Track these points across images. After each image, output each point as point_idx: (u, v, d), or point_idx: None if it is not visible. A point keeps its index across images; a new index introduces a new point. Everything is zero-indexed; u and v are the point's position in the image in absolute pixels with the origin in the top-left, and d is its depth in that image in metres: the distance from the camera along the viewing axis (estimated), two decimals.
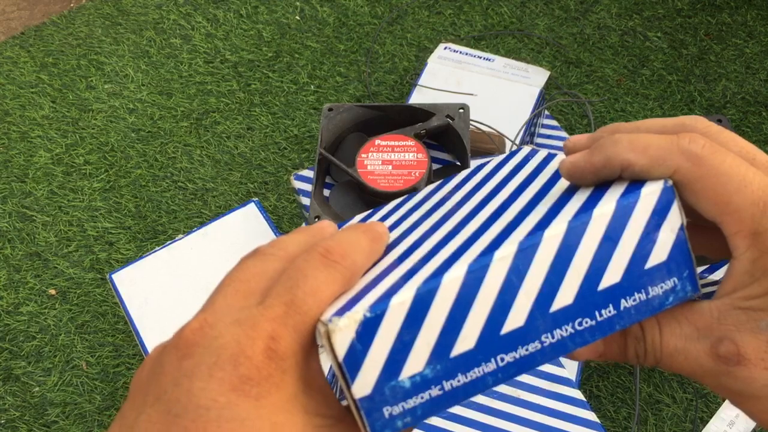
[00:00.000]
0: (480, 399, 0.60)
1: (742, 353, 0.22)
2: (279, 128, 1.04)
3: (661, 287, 0.25)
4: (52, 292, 0.90)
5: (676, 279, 0.25)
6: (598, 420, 0.59)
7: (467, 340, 0.24)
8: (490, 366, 0.24)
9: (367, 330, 0.23)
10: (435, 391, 0.24)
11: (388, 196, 0.65)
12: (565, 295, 0.24)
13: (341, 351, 0.23)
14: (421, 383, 0.24)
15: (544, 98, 0.90)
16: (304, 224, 0.84)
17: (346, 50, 1.12)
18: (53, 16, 1.21)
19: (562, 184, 0.27)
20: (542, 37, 1.11)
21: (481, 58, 0.94)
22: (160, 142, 1.03)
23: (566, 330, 0.24)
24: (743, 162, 0.23)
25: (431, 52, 0.97)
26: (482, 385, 0.24)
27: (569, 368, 0.69)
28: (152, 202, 0.97)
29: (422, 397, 0.24)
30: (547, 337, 0.24)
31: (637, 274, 0.25)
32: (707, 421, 0.75)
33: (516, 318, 0.24)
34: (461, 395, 0.24)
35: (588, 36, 1.11)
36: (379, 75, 1.09)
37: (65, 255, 0.93)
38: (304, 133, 1.03)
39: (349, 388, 0.23)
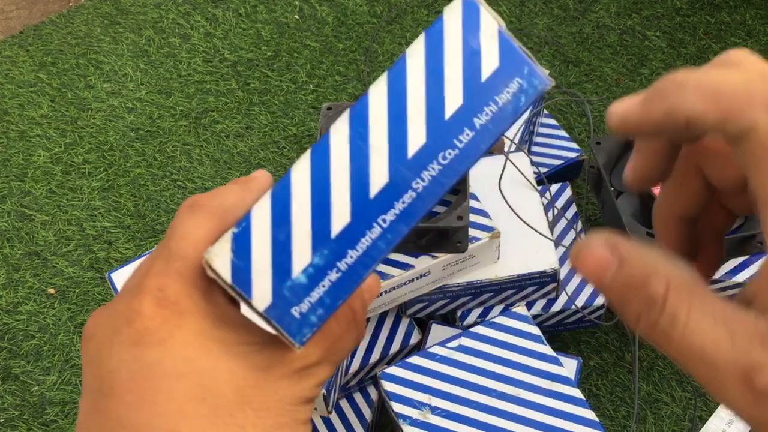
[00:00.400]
0: (479, 398, 0.60)
1: None
2: (278, 127, 1.04)
3: (508, 92, 0.24)
4: (51, 291, 0.90)
5: (518, 79, 0.24)
6: (597, 419, 0.59)
7: (341, 216, 0.24)
8: (376, 231, 0.24)
9: (241, 245, 0.24)
10: (333, 275, 0.24)
11: None
12: (417, 137, 0.24)
13: (226, 273, 0.23)
14: (316, 273, 0.24)
15: (543, 97, 0.90)
16: None
17: (345, 49, 1.12)
18: (52, 15, 1.21)
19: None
20: (541, 36, 1.11)
21: None
22: (159, 141, 1.03)
23: (434, 168, 0.24)
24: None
25: None
26: (377, 252, 0.24)
27: (568, 367, 0.69)
28: (151, 201, 0.97)
29: (323, 286, 0.24)
30: (417, 183, 0.24)
31: (477, 90, 0.24)
32: (706, 420, 0.75)
33: (378, 177, 0.24)
34: (361, 269, 0.24)
35: (587, 35, 1.11)
36: (378, 74, 1.09)
37: (64, 254, 0.93)
38: (303, 132, 1.03)
39: (250, 304, 0.23)
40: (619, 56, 1.08)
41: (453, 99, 0.24)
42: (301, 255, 0.24)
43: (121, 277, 0.65)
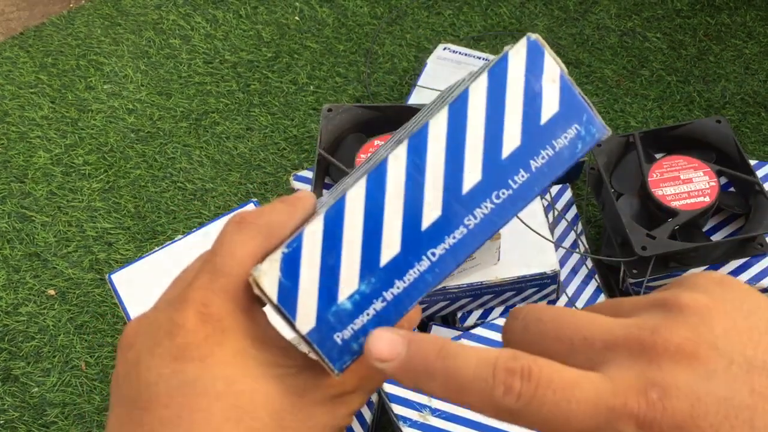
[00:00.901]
0: None
1: None
2: (278, 129, 1.04)
3: (566, 137, 0.25)
4: (52, 292, 0.90)
5: (576, 125, 0.24)
6: None
7: (391, 246, 0.24)
8: (424, 264, 0.24)
9: (290, 265, 0.23)
10: (378, 304, 0.24)
11: None
12: (473, 174, 0.24)
13: (273, 293, 0.23)
14: (361, 301, 0.24)
15: None
16: None
17: (346, 51, 1.12)
18: (52, 16, 1.21)
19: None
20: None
21: (480, 58, 0.94)
22: (160, 142, 1.03)
23: (486, 207, 0.24)
24: (566, 390, 0.20)
25: (431, 52, 0.97)
26: (423, 285, 0.24)
27: None
28: (151, 203, 0.97)
29: (368, 314, 0.24)
30: (470, 220, 0.24)
31: (536, 132, 0.24)
32: None
33: (432, 210, 0.24)
34: (406, 301, 0.24)
35: (587, 36, 1.11)
36: (378, 75, 1.09)
37: (64, 255, 0.93)
38: (304, 133, 1.03)
39: (293, 326, 0.23)
40: (619, 58, 1.08)
41: (511, 139, 0.24)
42: (349, 281, 0.24)
43: (121, 278, 0.65)
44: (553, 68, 0.25)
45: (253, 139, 1.03)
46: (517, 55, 0.24)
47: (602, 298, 0.76)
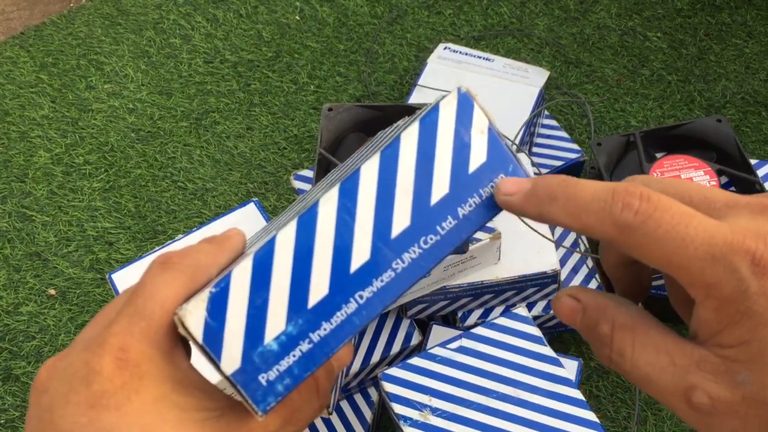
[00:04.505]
0: (480, 399, 0.60)
1: (715, 405, 0.22)
2: (279, 128, 1.04)
3: (492, 186, 0.26)
4: (52, 292, 0.90)
5: (503, 175, 0.26)
6: (597, 420, 0.59)
7: (320, 287, 0.24)
8: (351, 306, 0.24)
9: (217, 305, 0.23)
10: (305, 346, 0.24)
11: None
12: (402, 219, 0.25)
13: (198, 332, 0.23)
14: (288, 342, 0.24)
15: (543, 98, 0.90)
16: None
17: (346, 50, 1.12)
18: (53, 16, 1.21)
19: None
20: (542, 37, 1.11)
21: (480, 58, 0.94)
22: (160, 142, 1.03)
23: (414, 251, 0.25)
24: (684, 216, 0.22)
25: (431, 52, 0.97)
26: (350, 327, 0.24)
27: (569, 368, 0.69)
28: (152, 202, 0.97)
29: (294, 356, 0.24)
30: (398, 263, 0.25)
31: (464, 181, 0.25)
32: None
33: (360, 253, 0.24)
34: (333, 342, 0.24)
35: (588, 36, 1.11)
36: (378, 75, 1.09)
37: (65, 255, 0.93)
38: (304, 133, 1.03)
39: (218, 367, 0.23)
40: (619, 57, 1.08)
41: (440, 187, 0.25)
42: (276, 322, 0.24)
43: (121, 278, 0.65)
44: (481, 120, 0.26)
45: (253, 138, 1.03)
46: (448, 105, 0.25)
47: None
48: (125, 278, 0.65)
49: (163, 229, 0.95)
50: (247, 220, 0.67)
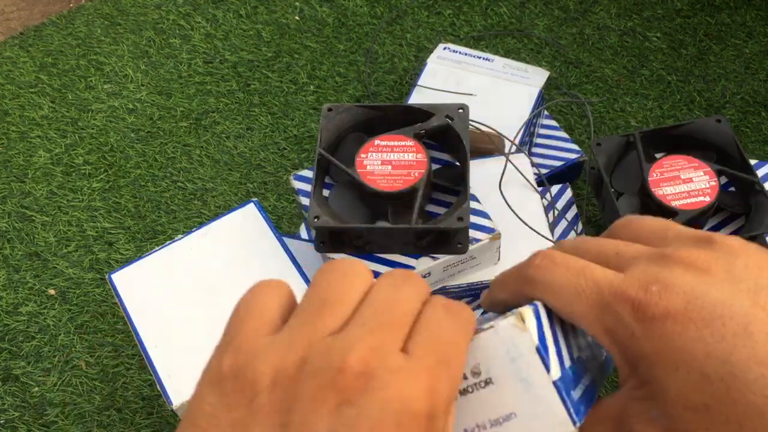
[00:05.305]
0: None
1: None
2: (278, 128, 1.04)
3: None
4: (52, 292, 0.90)
5: None
6: None
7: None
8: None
9: (537, 317, 0.25)
10: (583, 384, 0.26)
11: (388, 196, 0.65)
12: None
13: (534, 333, 0.24)
14: (573, 375, 0.25)
15: (543, 98, 0.90)
16: (303, 224, 0.84)
17: (346, 50, 1.12)
18: (52, 16, 1.21)
19: None
20: (542, 38, 1.11)
21: (480, 58, 0.94)
22: (160, 142, 1.03)
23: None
24: (573, 271, 0.24)
25: (430, 52, 0.97)
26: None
27: None
28: (152, 202, 0.97)
29: (581, 388, 0.25)
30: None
31: None
32: None
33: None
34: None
35: (587, 36, 1.11)
36: (378, 75, 1.09)
37: (65, 255, 0.93)
38: (304, 133, 1.03)
39: (548, 371, 0.23)
40: (619, 57, 1.08)
41: None
42: (563, 358, 0.25)
43: (121, 278, 0.65)
44: None
45: (253, 138, 1.03)
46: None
47: None
48: (125, 278, 0.64)
49: (163, 229, 0.95)
50: (246, 220, 0.67)
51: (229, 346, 0.21)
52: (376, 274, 0.65)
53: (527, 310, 0.23)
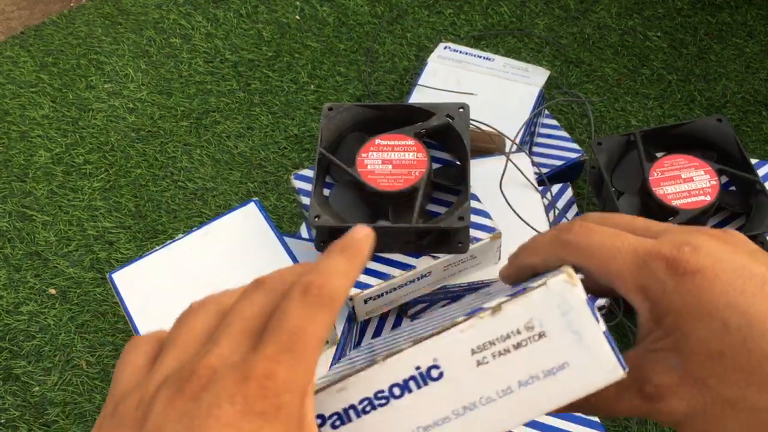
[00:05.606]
0: None
1: (659, 391, 0.25)
2: (279, 128, 1.04)
3: None
4: (52, 291, 0.90)
5: None
6: (597, 419, 0.59)
7: None
8: None
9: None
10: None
11: (388, 196, 0.65)
12: None
13: (582, 294, 0.25)
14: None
15: (543, 98, 0.90)
16: (303, 223, 0.84)
17: (346, 50, 1.12)
18: (53, 15, 1.21)
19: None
20: (542, 37, 1.11)
21: (480, 57, 0.94)
22: (160, 141, 1.03)
23: None
24: (611, 235, 0.26)
25: (431, 51, 0.97)
26: None
27: None
28: (152, 202, 0.97)
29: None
30: None
31: None
32: None
33: None
34: None
35: (588, 35, 1.11)
36: (379, 74, 1.09)
37: (65, 254, 0.93)
38: (304, 132, 1.03)
39: (597, 324, 0.25)
40: (620, 57, 1.08)
41: None
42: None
43: (121, 277, 0.65)
44: None
45: (253, 138, 1.03)
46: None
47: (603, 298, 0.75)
48: (126, 278, 0.64)
49: (163, 229, 0.95)
50: (247, 219, 0.67)
51: (109, 399, 0.25)
52: (376, 274, 0.65)
53: (571, 269, 0.25)
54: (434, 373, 0.25)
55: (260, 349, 0.23)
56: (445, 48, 0.95)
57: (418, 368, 0.25)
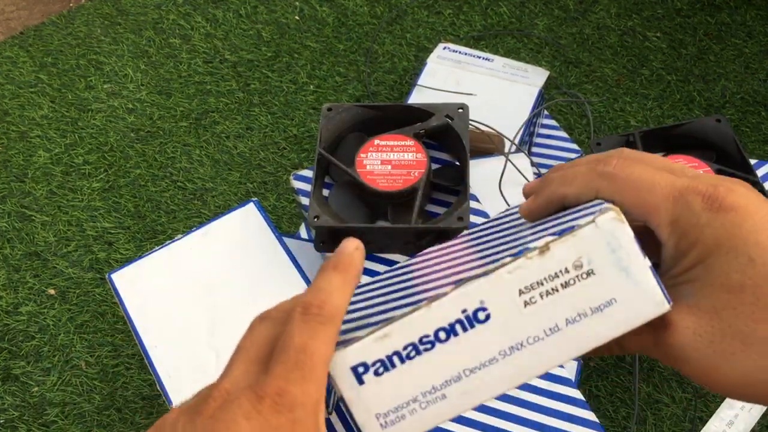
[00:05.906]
0: None
1: (669, 320, 0.26)
2: (278, 128, 1.04)
3: None
4: (52, 291, 0.90)
5: None
6: (597, 420, 0.59)
7: None
8: None
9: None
10: None
11: (388, 196, 0.65)
12: None
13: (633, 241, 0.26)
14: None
15: (543, 98, 0.90)
16: (303, 224, 0.84)
17: (346, 50, 1.12)
18: (52, 15, 1.21)
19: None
20: (541, 37, 1.11)
21: (480, 57, 0.94)
22: (160, 141, 1.03)
23: None
24: (651, 169, 0.27)
25: (430, 51, 0.97)
26: None
27: (568, 368, 0.69)
28: (151, 202, 0.97)
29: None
30: None
31: None
32: (706, 421, 0.75)
33: None
34: None
35: (587, 36, 1.11)
36: (378, 75, 1.09)
37: (64, 255, 0.93)
38: (304, 132, 1.03)
39: (644, 259, 0.26)
40: (619, 57, 1.08)
41: None
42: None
43: (121, 277, 0.65)
44: None
45: (253, 138, 1.03)
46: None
47: None
48: (125, 278, 0.64)
49: (163, 229, 0.95)
50: (246, 220, 0.67)
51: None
52: (375, 274, 0.65)
53: (616, 207, 0.26)
54: (481, 315, 0.25)
55: (270, 370, 0.24)
56: (445, 48, 0.95)
57: (464, 311, 0.25)
